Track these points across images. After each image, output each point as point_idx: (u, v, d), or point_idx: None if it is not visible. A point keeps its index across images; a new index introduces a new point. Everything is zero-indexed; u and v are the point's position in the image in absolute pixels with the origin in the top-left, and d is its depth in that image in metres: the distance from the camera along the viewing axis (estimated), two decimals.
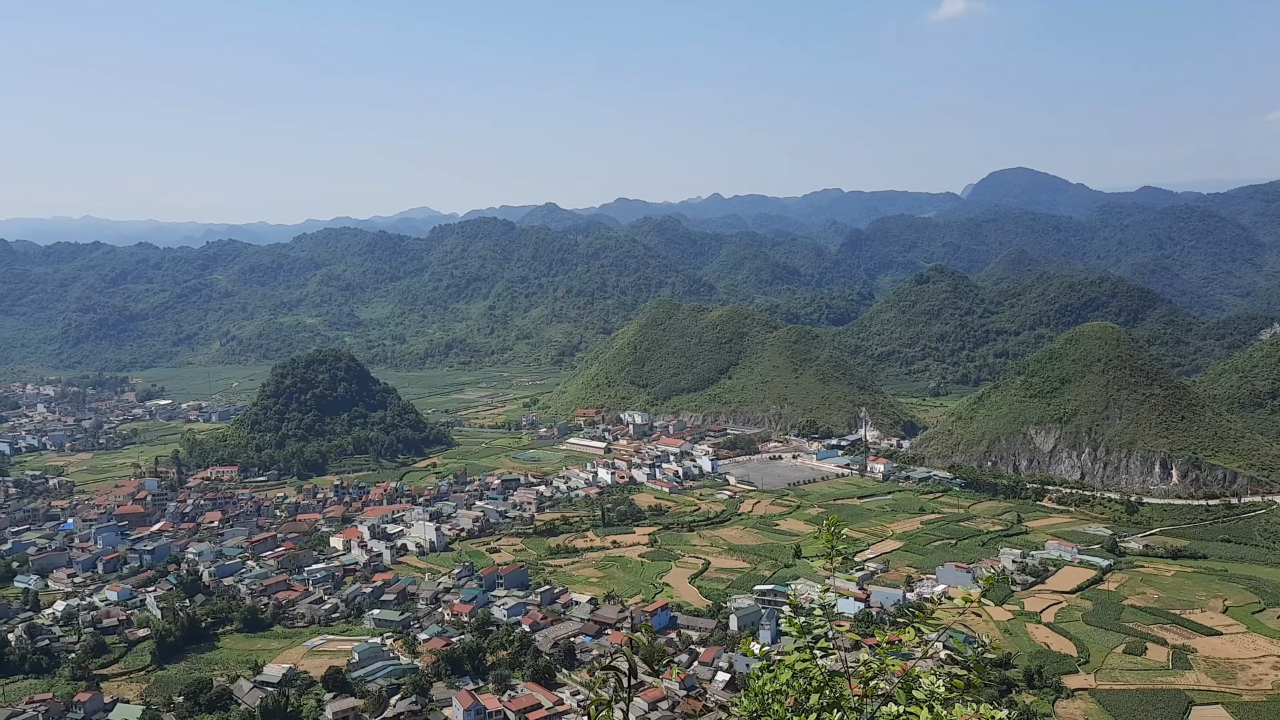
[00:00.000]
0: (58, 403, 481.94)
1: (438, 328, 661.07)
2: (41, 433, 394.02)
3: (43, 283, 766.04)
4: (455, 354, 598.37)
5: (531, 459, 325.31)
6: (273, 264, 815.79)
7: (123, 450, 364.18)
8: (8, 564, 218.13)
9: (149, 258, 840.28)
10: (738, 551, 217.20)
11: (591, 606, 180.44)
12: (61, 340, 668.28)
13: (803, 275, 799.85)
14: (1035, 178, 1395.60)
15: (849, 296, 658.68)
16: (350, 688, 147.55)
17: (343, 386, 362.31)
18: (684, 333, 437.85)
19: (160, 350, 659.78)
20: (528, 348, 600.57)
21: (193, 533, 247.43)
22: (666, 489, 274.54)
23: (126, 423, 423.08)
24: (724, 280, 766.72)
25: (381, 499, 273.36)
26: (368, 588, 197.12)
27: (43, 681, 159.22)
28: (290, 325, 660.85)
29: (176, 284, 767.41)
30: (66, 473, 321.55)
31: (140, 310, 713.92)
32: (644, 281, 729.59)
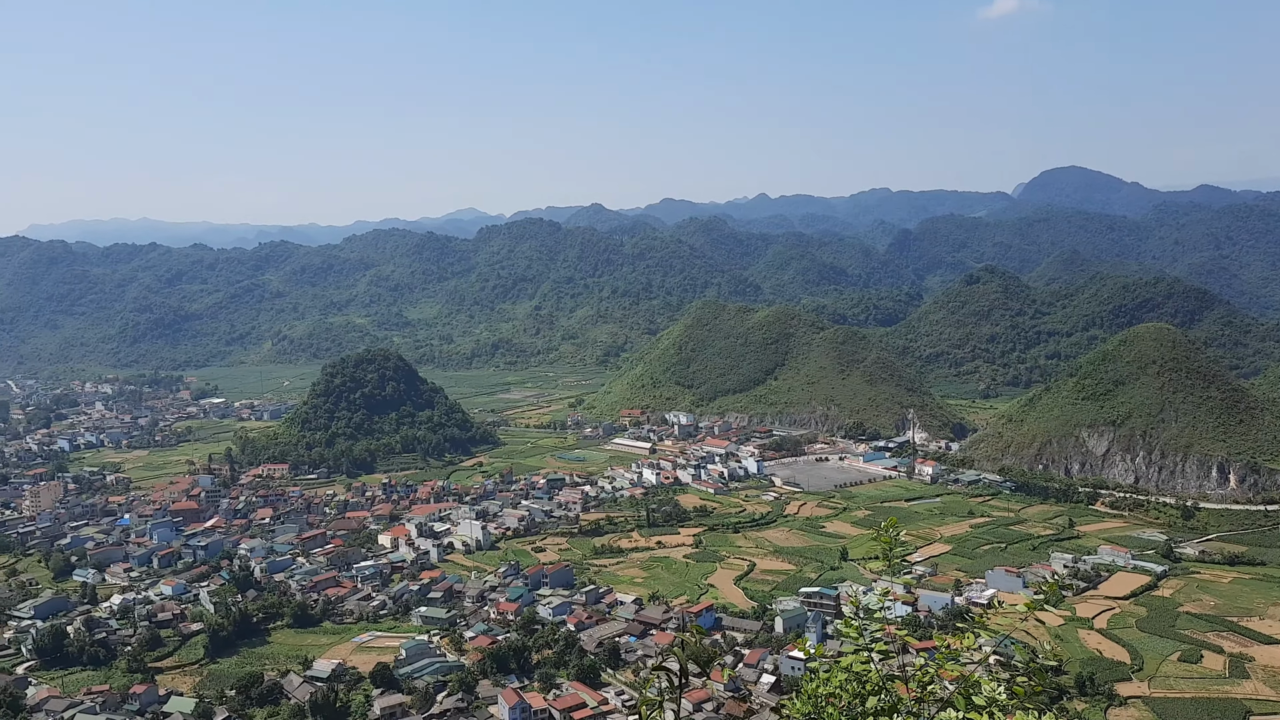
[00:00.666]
0: (115, 401, 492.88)
1: (484, 328, 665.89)
2: (100, 430, 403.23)
3: (101, 283, 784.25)
4: (501, 354, 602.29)
5: (577, 459, 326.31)
6: (323, 265, 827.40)
7: (178, 448, 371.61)
8: (66, 558, 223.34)
9: (203, 259, 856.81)
10: (783, 553, 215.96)
11: (636, 607, 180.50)
12: (119, 339, 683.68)
13: (850, 276, 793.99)
14: (1089, 176, 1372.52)
15: (897, 297, 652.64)
16: (398, 684, 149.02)
17: (391, 386, 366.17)
18: (730, 333, 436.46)
19: (214, 350, 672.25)
20: (573, 348, 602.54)
21: (245, 529, 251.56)
22: (712, 490, 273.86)
23: (181, 421, 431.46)
24: (770, 280, 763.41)
25: (429, 497, 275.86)
26: (415, 585, 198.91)
27: (100, 673, 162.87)
28: (340, 325, 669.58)
29: (230, 284, 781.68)
30: (123, 469, 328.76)
31: (195, 310, 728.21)
32: (689, 282, 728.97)
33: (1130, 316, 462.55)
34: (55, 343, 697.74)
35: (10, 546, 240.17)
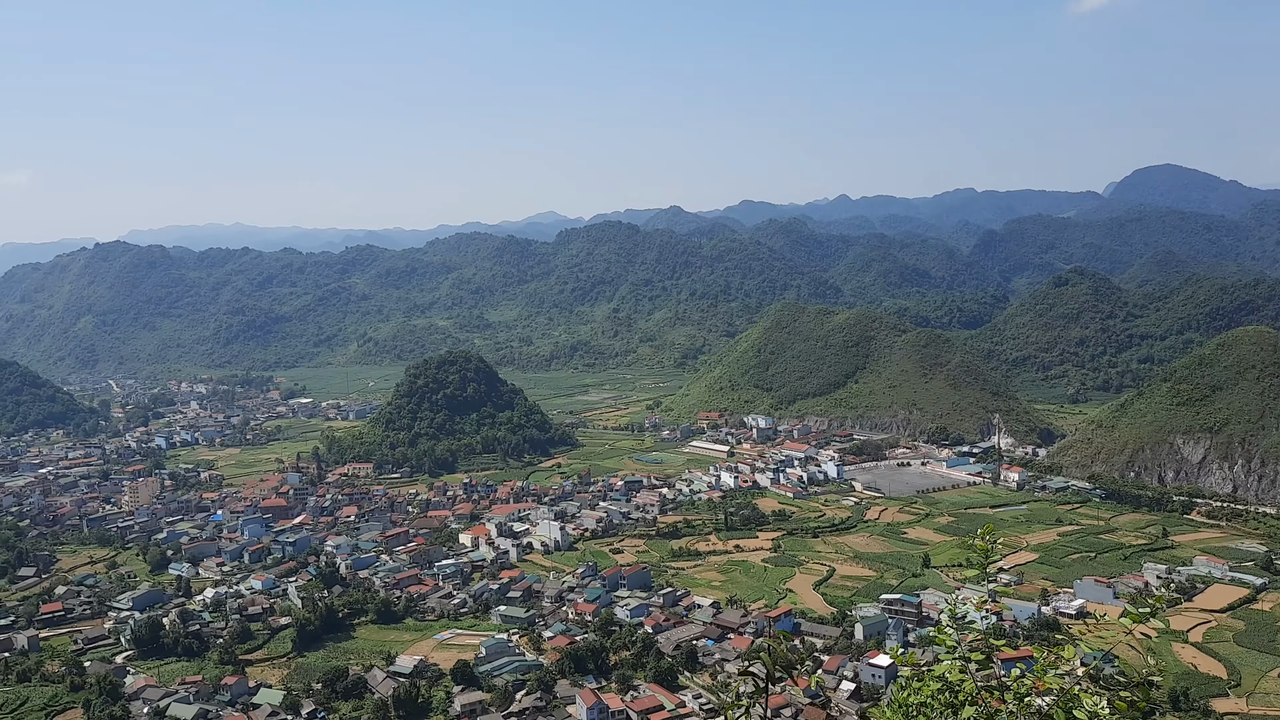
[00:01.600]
0: (209, 400, 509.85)
1: (563, 330, 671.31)
2: (194, 428, 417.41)
3: (197, 287, 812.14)
4: (580, 356, 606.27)
5: (654, 461, 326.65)
6: (407, 268, 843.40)
7: (267, 446, 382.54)
8: (163, 552, 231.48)
9: (293, 262, 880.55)
10: (863, 559, 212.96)
11: (714, 610, 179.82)
12: (213, 341, 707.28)
13: (933, 278, 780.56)
14: (1184, 174, 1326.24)
15: (982, 299, 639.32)
16: (478, 681, 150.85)
17: (472, 387, 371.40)
18: (809, 336, 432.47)
19: (302, 351, 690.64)
20: (651, 350, 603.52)
21: (331, 526, 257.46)
22: (790, 494, 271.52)
23: (271, 420, 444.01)
24: (851, 283, 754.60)
25: (508, 497, 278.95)
26: (495, 584, 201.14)
27: (193, 664, 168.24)
28: (423, 327, 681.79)
29: (318, 287, 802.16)
30: (217, 467, 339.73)
31: (284, 313, 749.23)
32: (768, 284, 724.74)
33: (1228, 319, 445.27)
34: (153, 344, 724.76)
35: (110, 540, 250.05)
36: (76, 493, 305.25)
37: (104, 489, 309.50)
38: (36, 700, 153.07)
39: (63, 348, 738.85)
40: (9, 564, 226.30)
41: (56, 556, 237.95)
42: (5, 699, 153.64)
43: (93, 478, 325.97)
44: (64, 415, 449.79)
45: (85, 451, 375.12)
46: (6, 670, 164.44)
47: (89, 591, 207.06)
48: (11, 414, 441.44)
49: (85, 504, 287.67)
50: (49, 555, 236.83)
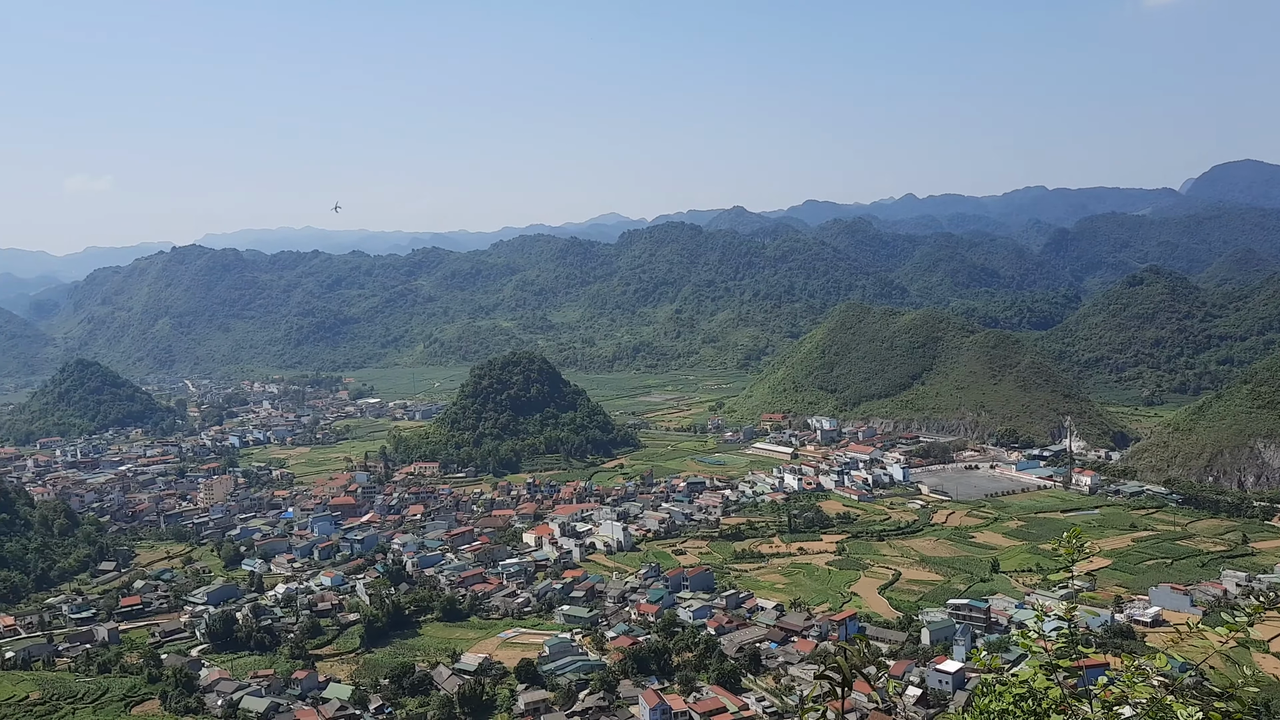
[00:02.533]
0: (280, 400, 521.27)
1: (625, 331, 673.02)
2: (266, 427, 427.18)
3: (269, 289, 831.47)
4: (642, 357, 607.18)
5: (717, 463, 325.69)
6: (472, 270, 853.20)
7: (336, 445, 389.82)
8: (236, 548, 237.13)
9: (361, 265, 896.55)
10: (930, 563, 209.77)
11: (777, 613, 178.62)
12: (284, 342, 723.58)
13: (1002, 277, 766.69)
14: (1265, 170, 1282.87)
15: (1053, 299, 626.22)
16: (541, 680, 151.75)
17: (535, 388, 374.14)
18: (875, 337, 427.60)
19: (370, 352, 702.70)
20: (714, 351, 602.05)
21: (398, 524, 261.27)
22: (855, 496, 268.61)
23: (340, 419, 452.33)
24: (917, 283, 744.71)
25: (571, 497, 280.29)
26: (558, 584, 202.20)
27: (265, 658, 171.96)
28: (487, 328, 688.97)
29: (385, 289, 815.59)
30: (287, 465, 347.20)
31: (353, 314, 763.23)
32: (833, 284, 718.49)
33: None
34: (227, 344, 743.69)
35: (186, 536, 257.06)
36: (154, 490, 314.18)
37: (180, 486, 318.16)
38: (116, 690, 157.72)
39: (141, 348, 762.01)
40: (91, 558, 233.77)
41: (135, 551, 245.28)
42: (87, 689, 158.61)
43: (170, 475, 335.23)
44: (143, 414, 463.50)
45: (163, 450, 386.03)
46: (88, 661, 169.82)
47: (166, 586, 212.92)
48: (93, 413, 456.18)
49: (163, 501, 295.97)
50: (128, 550, 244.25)
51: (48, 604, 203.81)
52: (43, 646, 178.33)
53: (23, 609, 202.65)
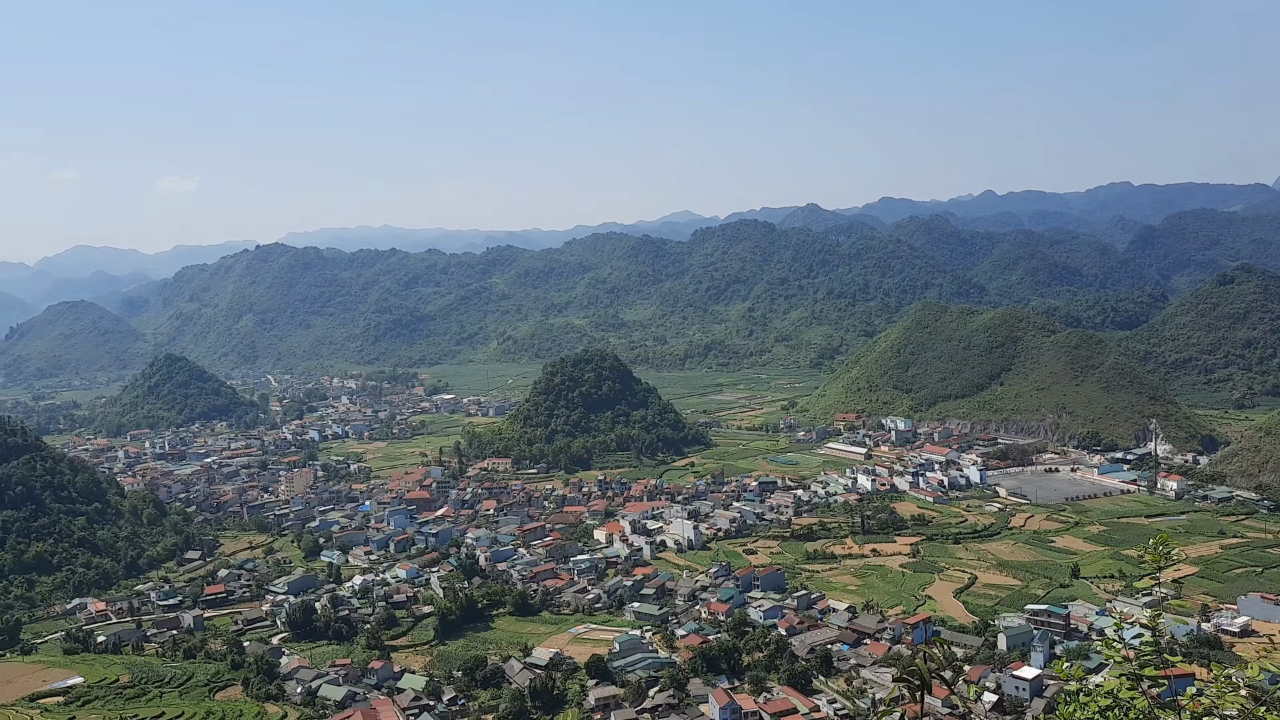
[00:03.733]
0: (358, 395, 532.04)
1: (697, 329, 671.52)
2: (345, 422, 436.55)
3: (348, 286, 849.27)
4: (714, 355, 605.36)
5: (789, 462, 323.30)
6: (545, 268, 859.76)
7: (412, 440, 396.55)
8: (315, 540, 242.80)
9: (437, 263, 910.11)
10: (1007, 568, 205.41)
11: (849, 614, 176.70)
12: (362, 338, 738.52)
13: (1084, 276, 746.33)
14: None
15: (1138, 299, 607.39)
16: (611, 676, 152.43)
17: (607, 385, 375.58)
18: (951, 336, 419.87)
19: (445, 348, 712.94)
20: (786, 350, 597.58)
21: (471, 519, 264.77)
22: (930, 498, 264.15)
23: (415, 415, 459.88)
24: (996, 281, 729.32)
25: (642, 495, 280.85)
26: (628, 581, 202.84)
27: (343, 648, 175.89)
28: (560, 326, 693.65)
29: (460, 287, 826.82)
30: (365, 459, 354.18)
31: (429, 312, 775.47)
32: (909, 283, 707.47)
33: None
34: (308, 341, 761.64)
35: (268, 527, 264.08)
36: (238, 481, 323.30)
37: (262, 478, 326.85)
38: (201, 676, 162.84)
39: (226, 344, 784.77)
40: (178, 547, 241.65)
41: (220, 541, 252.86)
42: (173, 674, 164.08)
43: (252, 467, 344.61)
44: (227, 408, 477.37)
45: (246, 442, 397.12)
46: (175, 647, 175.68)
47: (248, 575, 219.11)
48: (180, 406, 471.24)
49: (245, 492, 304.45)
50: (213, 540, 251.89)
51: (137, 591, 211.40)
52: (132, 632, 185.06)
53: (114, 595, 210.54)
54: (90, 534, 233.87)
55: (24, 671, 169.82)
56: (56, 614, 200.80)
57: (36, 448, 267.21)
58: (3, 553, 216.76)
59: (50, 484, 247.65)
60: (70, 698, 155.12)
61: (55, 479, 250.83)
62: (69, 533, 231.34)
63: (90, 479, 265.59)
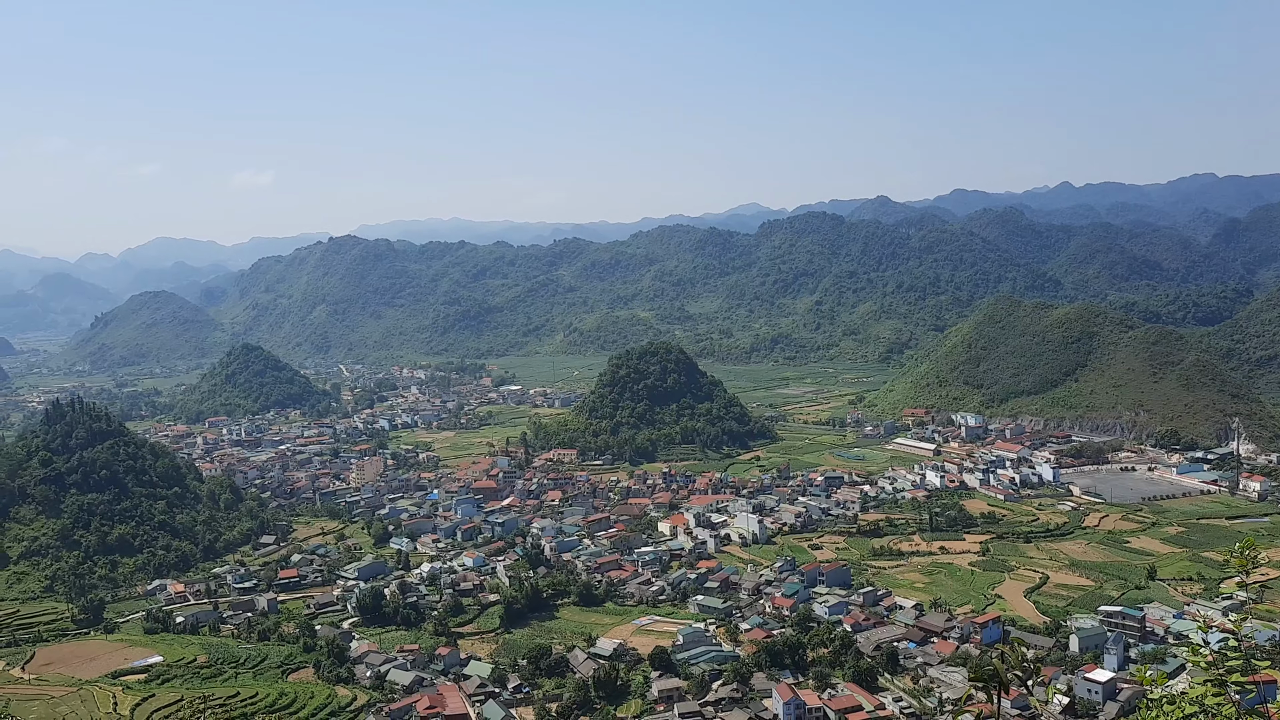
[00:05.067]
0: (427, 385, 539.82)
1: (764, 322, 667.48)
2: (414, 412, 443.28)
3: (417, 278, 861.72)
4: (780, 349, 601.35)
5: (856, 457, 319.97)
6: (611, 260, 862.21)
7: (479, 430, 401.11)
8: (385, 527, 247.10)
9: (505, 255, 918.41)
10: (1080, 568, 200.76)
11: (916, 612, 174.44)
12: (431, 329, 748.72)
13: (1165, 270, 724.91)
14: None
15: (1221, 294, 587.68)
16: (675, 668, 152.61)
17: (672, 378, 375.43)
18: (1025, 331, 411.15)
19: (512, 340, 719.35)
20: (854, 344, 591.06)
21: (536, 509, 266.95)
22: (1001, 496, 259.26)
23: (483, 405, 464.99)
24: (1071, 275, 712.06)
25: (706, 488, 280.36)
26: (692, 574, 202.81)
27: (411, 633, 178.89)
28: (625, 318, 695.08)
29: (527, 279, 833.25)
30: (433, 448, 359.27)
31: (496, 303, 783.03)
32: (981, 276, 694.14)
33: None
34: (379, 331, 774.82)
35: (339, 514, 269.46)
36: (310, 468, 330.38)
37: (334, 466, 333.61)
38: (274, 658, 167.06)
39: (300, 334, 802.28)
40: (253, 531, 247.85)
41: (293, 526, 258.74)
42: (248, 655, 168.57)
43: (325, 455, 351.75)
44: (301, 396, 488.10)
45: (319, 430, 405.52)
46: (249, 628, 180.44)
47: (320, 560, 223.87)
48: (256, 394, 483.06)
49: (318, 479, 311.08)
50: (287, 525, 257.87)
51: (214, 573, 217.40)
52: (209, 613, 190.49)
53: (192, 577, 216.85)
54: (170, 518, 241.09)
55: (107, 649, 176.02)
56: (138, 594, 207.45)
57: (120, 433, 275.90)
58: (88, 534, 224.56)
59: (133, 469, 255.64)
60: (150, 676, 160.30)
61: (137, 464, 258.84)
62: (150, 516, 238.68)
63: (170, 464, 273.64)
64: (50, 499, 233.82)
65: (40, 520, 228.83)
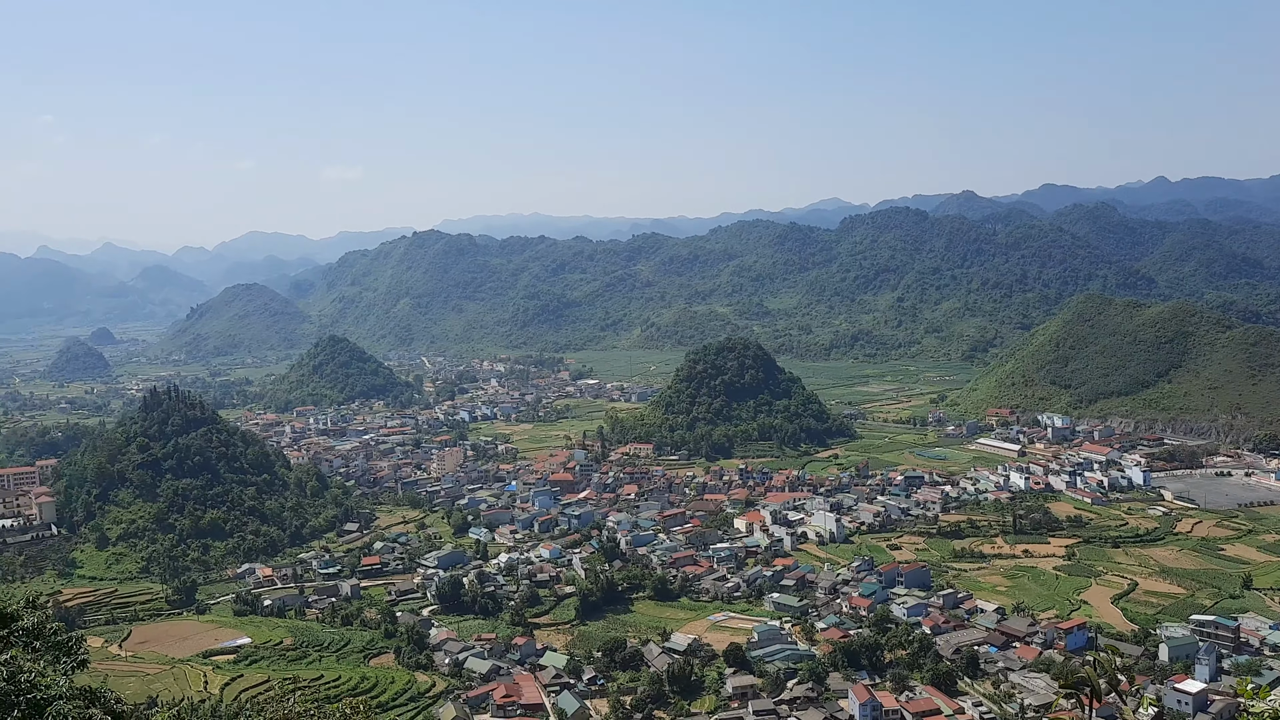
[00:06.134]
0: (506, 378, 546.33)
1: (844, 319, 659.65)
2: (493, 404, 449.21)
3: (498, 272, 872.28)
4: (860, 346, 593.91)
5: (937, 457, 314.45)
6: (689, 255, 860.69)
7: (557, 423, 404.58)
8: (464, 517, 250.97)
9: (584, 250, 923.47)
10: (1171, 575, 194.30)
11: (998, 616, 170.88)
12: (511, 323, 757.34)
13: (1266, 268, 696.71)
14: None
15: None
16: (749, 665, 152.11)
17: (750, 374, 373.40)
18: (1115, 330, 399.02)
19: (590, 334, 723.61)
20: (936, 342, 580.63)
21: (612, 503, 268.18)
22: (1088, 499, 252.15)
23: (560, 399, 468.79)
24: (1166, 273, 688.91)
25: (783, 485, 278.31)
26: (768, 571, 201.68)
27: (488, 623, 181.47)
28: (703, 314, 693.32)
29: (605, 274, 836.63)
30: (512, 440, 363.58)
31: (575, 298, 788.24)
32: (1070, 274, 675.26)
33: None
34: (460, 325, 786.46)
35: (420, 503, 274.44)
36: (393, 458, 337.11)
37: (416, 456, 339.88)
38: (357, 642, 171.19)
39: (384, 326, 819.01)
40: (337, 519, 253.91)
41: (376, 515, 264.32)
42: (331, 639, 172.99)
43: (407, 445, 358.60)
44: (384, 388, 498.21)
45: (401, 421, 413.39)
46: (333, 613, 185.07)
47: (401, 548, 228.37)
48: (341, 385, 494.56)
49: (400, 469, 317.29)
50: (369, 513, 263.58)
51: (300, 559, 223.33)
52: (295, 597, 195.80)
53: (279, 562, 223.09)
54: (259, 503, 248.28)
55: (199, 630, 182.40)
56: (228, 577, 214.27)
57: (213, 421, 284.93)
58: (182, 518, 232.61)
59: (224, 455, 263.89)
60: (239, 656, 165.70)
61: (229, 451, 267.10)
62: (240, 501, 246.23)
63: (260, 452, 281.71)
64: (147, 483, 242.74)
65: (138, 503, 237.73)
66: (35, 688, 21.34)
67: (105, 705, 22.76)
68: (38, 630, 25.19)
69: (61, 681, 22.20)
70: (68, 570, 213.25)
